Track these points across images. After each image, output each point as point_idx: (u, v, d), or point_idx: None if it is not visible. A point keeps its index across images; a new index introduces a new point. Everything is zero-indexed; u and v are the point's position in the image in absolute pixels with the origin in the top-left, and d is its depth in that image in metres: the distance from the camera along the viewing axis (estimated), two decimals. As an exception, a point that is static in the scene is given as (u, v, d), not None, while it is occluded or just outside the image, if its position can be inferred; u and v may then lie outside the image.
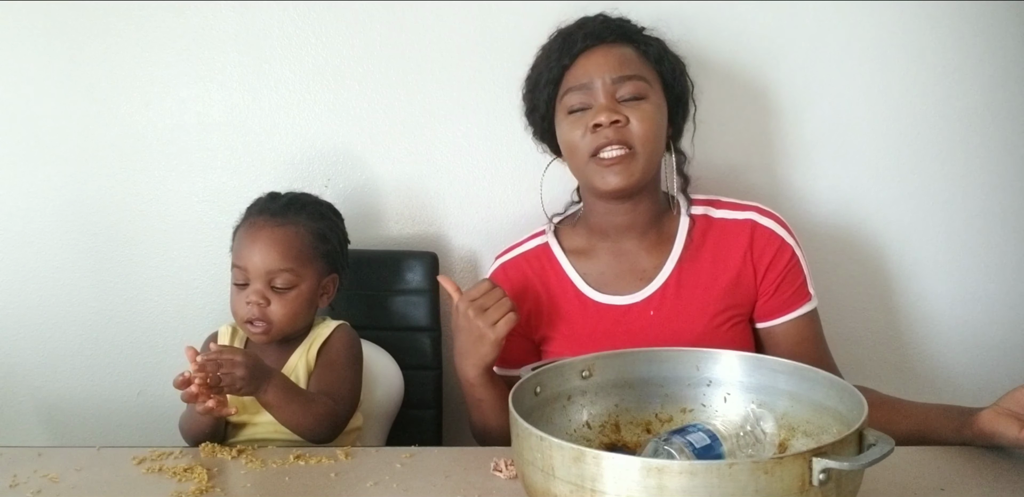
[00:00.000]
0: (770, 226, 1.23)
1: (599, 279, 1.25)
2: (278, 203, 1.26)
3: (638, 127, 1.14)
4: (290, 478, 1.00)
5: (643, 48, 1.20)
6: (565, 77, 1.19)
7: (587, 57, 1.18)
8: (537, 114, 1.25)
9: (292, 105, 1.52)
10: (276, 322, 1.21)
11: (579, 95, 1.17)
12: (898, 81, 1.49)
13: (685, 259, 1.23)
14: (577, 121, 1.17)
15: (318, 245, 1.25)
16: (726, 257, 1.22)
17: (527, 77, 1.26)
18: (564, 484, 0.74)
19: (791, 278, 1.22)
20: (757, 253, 1.22)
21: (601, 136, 1.14)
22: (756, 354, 0.98)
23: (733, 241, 1.23)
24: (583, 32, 1.18)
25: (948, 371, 1.58)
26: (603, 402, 1.00)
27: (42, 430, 1.63)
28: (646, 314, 1.22)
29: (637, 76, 1.16)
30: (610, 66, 1.16)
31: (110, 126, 1.53)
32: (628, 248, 1.25)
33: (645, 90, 1.17)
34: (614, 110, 1.14)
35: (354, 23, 1.49)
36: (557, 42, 1.21)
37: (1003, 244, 1.54)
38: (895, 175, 1.52)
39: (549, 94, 1.21)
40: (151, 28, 1.50)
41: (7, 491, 0.98)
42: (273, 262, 1.20)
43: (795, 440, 0.92)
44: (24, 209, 1.56)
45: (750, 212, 1.24)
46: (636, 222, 1.24)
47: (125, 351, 1.60)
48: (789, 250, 1.23)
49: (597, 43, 1.18)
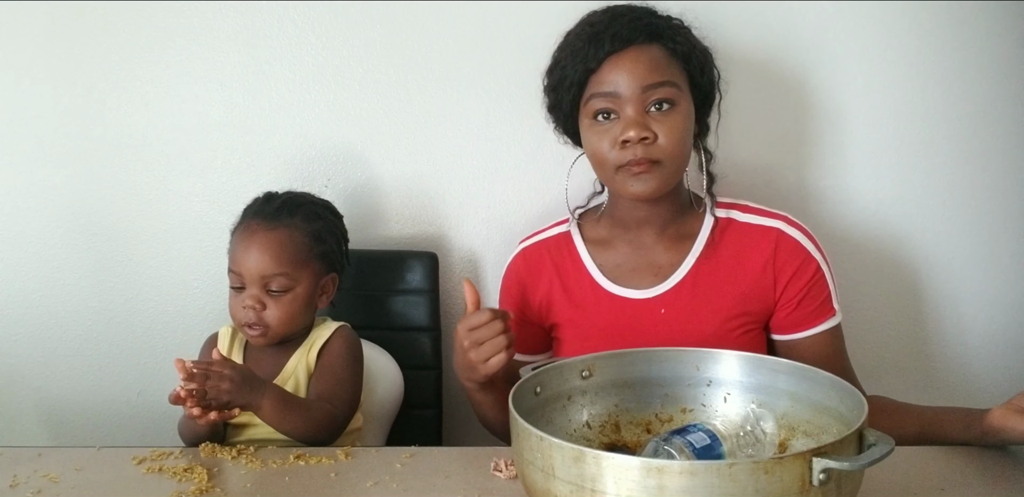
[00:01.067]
0: (797, 237, 1.20)
1: (615, 271, 1.24)
2: (272, 206, 1.26)
3: (666, 142, 1.11)
4: (290, 478, 1.00)
5: (671, 46, 1.14)
6: (591, 80, 1.14)
7: (615, 62, 1.12)
8: (560, 112, 1.21)
9: (292, 105, 1.52)
10: (273, 326, 1.21)
11: (605, 101, 1.12)
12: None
13: (703, 259, 1.21)
14: (604, 132, 1.13)
15: (313, 246, 1.25)
16: (746, 262, 1.20)
17: (548, 70, 1.20)
18: (564, 484, 0.74)
19: (815, 292, 1.19)
20: (780, 263, 1.19)
21: (629, 153, 1.11)
22: (756, 354, 0.98)
23: (756, 247, 1.20)
24: (611, 32, 1.12)
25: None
26: (603, 402, 1.00)
27: (42, 430, 1.63)
28: (657, 311, 1.20)
29: (666, 82, 1.12)
30: (639, 73, 1.11)
31: (110, 126, 1.53)
32: (647, 242, 1.23)
33: (674, 95, 1.12)
34: (643, 126, 1.10)
35: (354, 23, 1.49)
36: (583, 39, 1.14)
37: (1003, 243, 1.54)
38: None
39: (574, 95, 1.16)
40: (151, 28, 1.50)
41: (7, 491, 0.98)
42: (267, 266, 1.20)
43: (795, 440, 0.92)
44: (24, 209, 1.56)
45: (778, 221, 1.21)
46: (657, 217, 1.22)
47: (125, 351, 1.60)
48: (814, 264, 1.19)
49: (625, 45, 1.12)
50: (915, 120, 1.50)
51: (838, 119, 1.50)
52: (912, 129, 1.50)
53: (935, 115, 1.49)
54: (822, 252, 1.21)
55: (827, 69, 1.48)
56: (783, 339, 1.22)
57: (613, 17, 1.15)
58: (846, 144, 1.51)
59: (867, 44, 1.47)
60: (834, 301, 1.21)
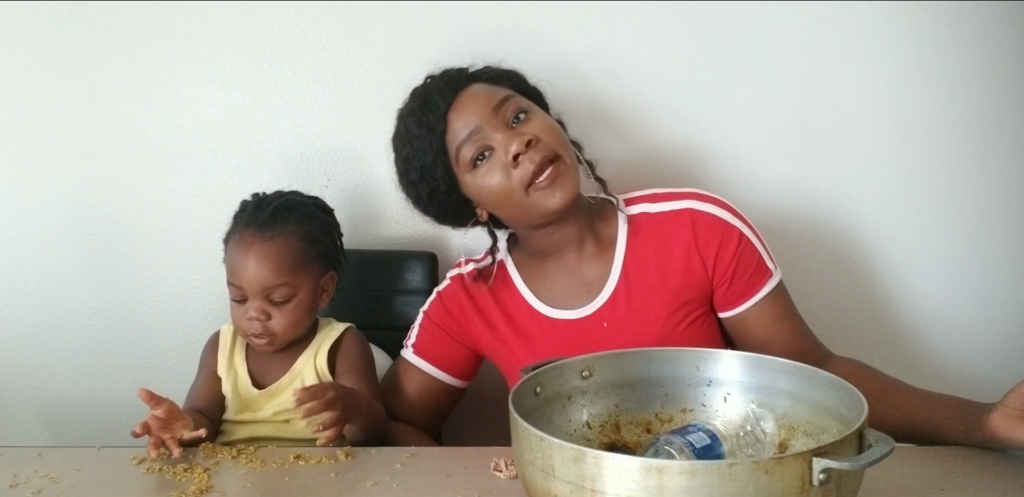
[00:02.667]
0: (711, 210, 1.18)
1: (548, 295, 1.23)
2: (264, 213, 1.23)
3: (548, 137, 1.12)
4: (290, 478, 1.00)
5: (487, 78, 1.18)
6: (447, 140, 1.14)
7: (455, 110, 1.14)
8: (440, 194, 1.18)
9: (292, 105, 1.52)
10: (280, 333, 1.20)
11: (474, 143, 1.12)
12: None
13: (629, 265, 1.20)
14: (490, 168, 1.13)
15: (310, 249, 1.23)
16: (671, 253, 1.18)
17: (402, 172, 1.20)
18: (564, 484, 0.74)
19: (745, 260, 1.17)
20: (702, 242, 1.17)
21: (527, 162, 1.10)
22: (756, 354, 0.98)
23: (675, 235, 1.19)
24: (435, 93, 1.15)
25: (945, 370, 1.58)
26: (603, 402, 1.00)
27: (42, 430, 1.63)
28: (600, 326, 1.19)
29: (508, 96, 1.15)
30: (481, 102, 1.13)
31: (110, 126, 1.53)
32: (570, 262, 1.22)
33: (523, 104, 1.15)
34: (519, 134, 1.11)
35: (354, 23, 1.49)
36: (415, 118, 1.16)
37: (1001, 243, 1.54)
38: (893, 175, 1.52)
39: (444, 166, 1.15)
40: (151, 28, 1.50)
41: (7, 491, 0.98)
42: (267, 278, 1.18)
43: (795, 440, 0.92)
44: (24, 209, 1.56)
45: (687, 201, 1.20)
46: (570, 236, 1.20)
47: (125, 351, 1.60)
48: (735, 232, 1.18)
49: (455, 93, 1.15)
50: (914, 120, 1.50)
51: (838, 119, 1.50)
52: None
53: (934, 115, 1.50)
54: (739, 216, 1.20)
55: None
56: (730, 315, 1.20)
57: (430, 81, 1.19)
58: (846, 145, 1.51)
59: (867, 44, 1.47)
60: (767, 261, 1.20)
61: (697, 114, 1.51)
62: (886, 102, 1.50)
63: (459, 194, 1.18)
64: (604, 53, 1.48)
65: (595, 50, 1.48)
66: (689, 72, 1.49)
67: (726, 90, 1.50)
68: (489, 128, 1.12)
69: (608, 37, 1.48)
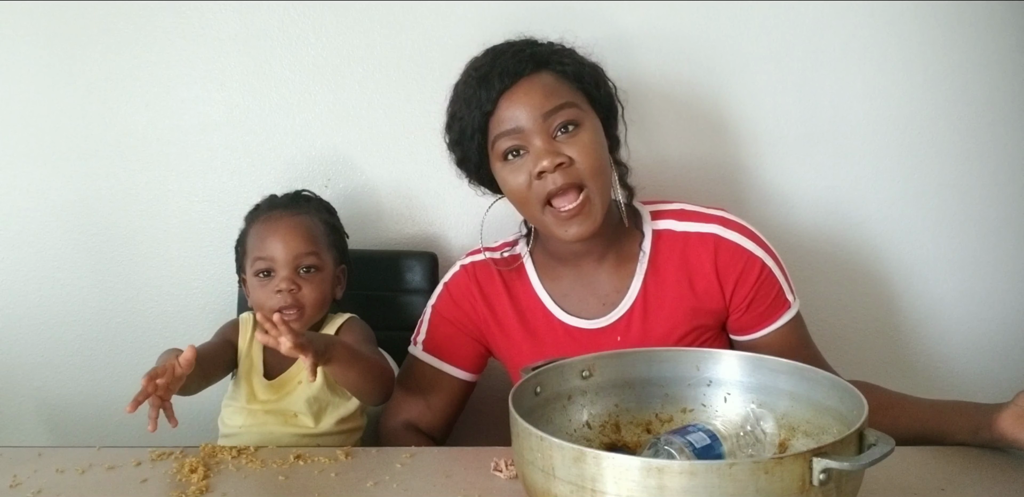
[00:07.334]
0: (735, 239, 1.17)
1: (564, 300, 1.21)
2: (285, 198, 1.32)
3: (583, 162, 1.08)
4: (290, 478, 1.00)
5: (560, 69, 1.12)
6: (491, 123, 1.11)
7: (509, 98, 1.10)
8: (470, 163, 1.17)
9: (292, 105, 1.52)
10: (308, 305, 1.23)
11: (511, 140, 1.10)
12: (896, 81, 1.49)
13: (649, 281, 1.18)
14: (518, 169, 1.10)
15: (330, 234, 1.30)
16: (691, 276, 1.17)
17: (447, 126, 1.17)
18: (564, 484, 0.74)
19: (764, 291, 1.17)
20: (723, 270, 1.16)
21: (549, 182, 1.08)
22: (756, 354, 0.98)
23: (697, 258, 1.17)
24: (497, 71, 1.10)
25: (947, 370, 1.58)
26: (603, 402, 1.00)
27: (42, 430, 1.63)
28: (613, 339, 1.18)
29: (565, 104, 1.09)
30: (535, 102, 1.09)
31: (110, 126, 1.53)
32: (588, 271, 1.20)
33: (577, 115, 1.10)
34: (554, 152, 1.08)
35: (354, 23, 1.49)
36: (472, 86, 1.12)
37: (1001, 244, 1.54)
38: (893, 176, 1.52)
39: (479, 143, 1.13)
40: (151, 28, 1.50)
41: (7, 491, 0.98)
42: (298, 246, 1.23)
43: (795, 440, 0.92)
44: (24, 209, 1.56)
45: (713, 225, 1.18)
46: (592, 247, 1.18)
47: (125, 351, 1.60)
48: (758, 263, 1.16)
49: (515, 80, 1.10)
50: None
51: (837, 120, 1.50)
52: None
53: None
54: (764, 246, 1.18)
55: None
56: (742, 340, 1.20)
57: (495, 56, 1.13)
58: (846, 145, 1.51)
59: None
60: (787, 293, 1.18)
61: (699, 115, 1.51)
62: (886, 102, 1.49)
63: (487, 171, 1.17)
64: (603, 54, 1.48)
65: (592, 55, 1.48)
66: (689, 72, 1.49)
67: (726, 90, 1.49)
68: (531, 132, 1.09)
69: (607, 37, 1.48)
